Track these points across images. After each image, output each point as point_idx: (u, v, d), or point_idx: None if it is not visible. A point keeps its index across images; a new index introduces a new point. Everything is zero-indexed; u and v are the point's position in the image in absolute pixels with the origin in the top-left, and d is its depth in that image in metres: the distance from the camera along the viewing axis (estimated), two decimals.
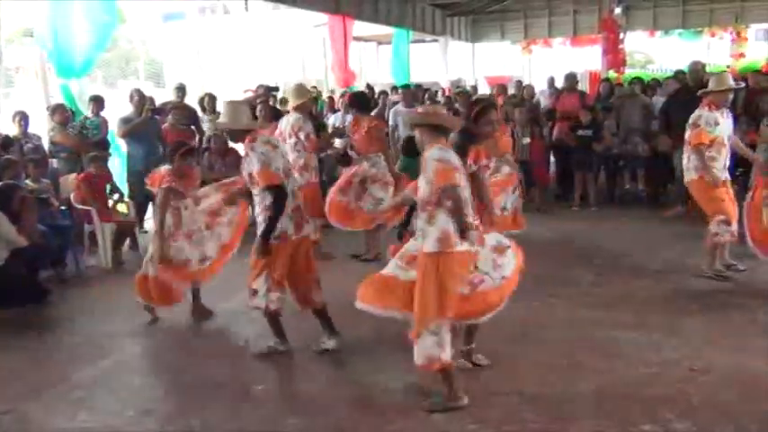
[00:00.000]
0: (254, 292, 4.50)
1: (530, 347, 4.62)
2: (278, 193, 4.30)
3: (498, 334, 4.80)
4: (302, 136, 6.65)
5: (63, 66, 8.24)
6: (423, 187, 3.73)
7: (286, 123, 6.78)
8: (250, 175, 4.39)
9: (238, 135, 4.63)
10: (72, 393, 4.21)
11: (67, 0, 7.96)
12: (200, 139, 9.21)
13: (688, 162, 5.90)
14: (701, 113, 5.72)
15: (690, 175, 5.92)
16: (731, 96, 6.16)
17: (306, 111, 6.93)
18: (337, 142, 8.41)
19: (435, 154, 3.66)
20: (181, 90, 9.40)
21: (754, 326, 4.84)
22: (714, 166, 5.74)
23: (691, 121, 5.79)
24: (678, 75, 10.61)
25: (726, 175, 5.86)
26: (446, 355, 3.69)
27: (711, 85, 5.86)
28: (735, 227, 5.78)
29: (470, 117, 4.18)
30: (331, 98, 11.93)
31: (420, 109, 5.31)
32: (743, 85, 7.97)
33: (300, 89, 7.02)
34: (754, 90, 9.31)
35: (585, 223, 8.37)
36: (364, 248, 6.97)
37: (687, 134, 5.82)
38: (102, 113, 8.31)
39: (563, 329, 4.75)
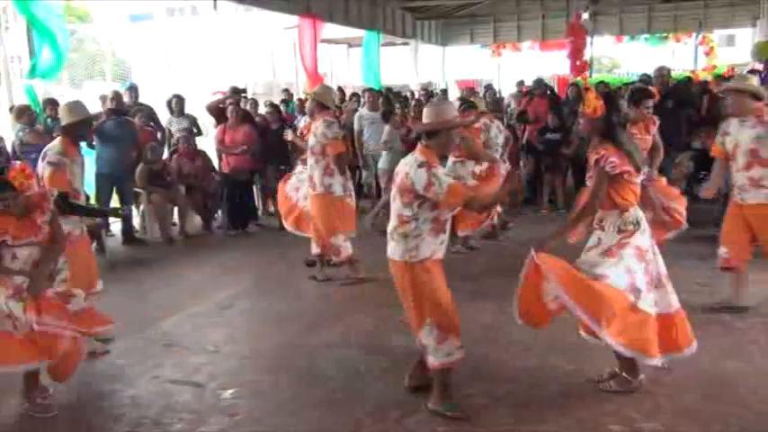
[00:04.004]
0: None
1: (499, 349, 4.66)
2: None
3: (467, 336, 4.81)
4: None
5: (36, 65, 8.16)
6: None
7: None
8: None
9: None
10: None
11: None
12: (162, 137, 9.14)
13: (322, 177, 6.12)
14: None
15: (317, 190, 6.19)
16: None
17: None
18: None
19: None
20: (133, 90, 9.33)
21: (718, 326, 4.93)
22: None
23: (331, 134, 6.03)
24: (644, 78, 10.82)
25: None
26: None
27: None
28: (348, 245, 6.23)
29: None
30: (301, 101, 11.89)
31: None
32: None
33: None
34: (716, 96, 9.49)
35: (554, 225, 8.41)
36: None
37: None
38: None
39: (532, 331, 4.77)
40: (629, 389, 3.88)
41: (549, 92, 11.71)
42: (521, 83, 14.35)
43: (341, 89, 13.32)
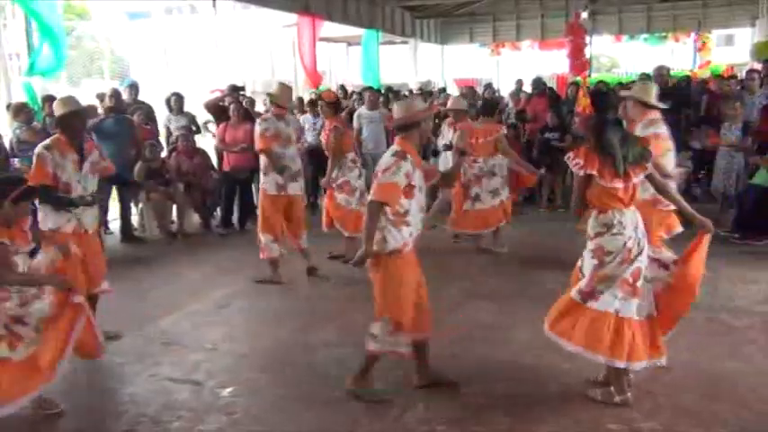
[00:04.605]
0: None
1: (499, 349, 4.66)
2: None
3: (466, 335, 4.84)
4: None
5: (35, 62, 8.15)
6: None
7: None
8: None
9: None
10: None
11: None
12: (157, 137, 9.12)
13: (261, 173, 6.36)
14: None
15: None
16: None
17: None
18: None
19: None
20: (134, 88, 9.30)
21: (718, 326, 4.93)
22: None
23: (259, 130, 6.28)
24: (643, 78, 10.82)
25: None
26: None
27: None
28: (276, 246, 6.25)
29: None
30: (301, 99, 11.87)
31: None
32: None
33: None
34: (716, 94, 9.51)
35: (553, 224, 8.47)
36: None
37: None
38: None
39: (530, 330, 4.78)
40: (612, 402, 3.79)
41: (548, 90, 11.73)
42: (518, 81, 14.38)
43: (343, 87, 13.30)
